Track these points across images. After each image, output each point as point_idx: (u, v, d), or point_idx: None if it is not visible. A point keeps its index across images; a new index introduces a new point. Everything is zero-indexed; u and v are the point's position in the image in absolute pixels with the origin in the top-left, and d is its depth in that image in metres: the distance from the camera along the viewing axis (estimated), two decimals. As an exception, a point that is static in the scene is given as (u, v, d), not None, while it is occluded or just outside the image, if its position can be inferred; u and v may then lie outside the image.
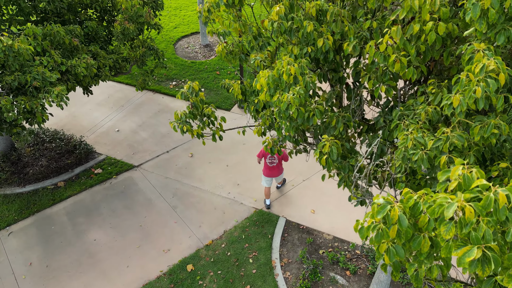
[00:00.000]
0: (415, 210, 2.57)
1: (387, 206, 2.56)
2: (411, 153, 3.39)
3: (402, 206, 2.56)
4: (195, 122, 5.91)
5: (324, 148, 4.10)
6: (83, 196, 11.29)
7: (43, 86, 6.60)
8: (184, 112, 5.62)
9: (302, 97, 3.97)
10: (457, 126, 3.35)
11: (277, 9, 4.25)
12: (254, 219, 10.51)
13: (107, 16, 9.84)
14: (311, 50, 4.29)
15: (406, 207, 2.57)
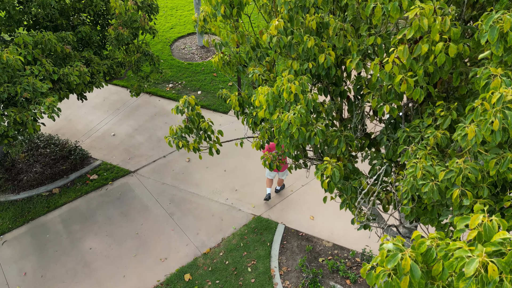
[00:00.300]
0: (428, 257, 2.41)
1: (398, 254, 2.39)
2: (420, 184, 3.22)
3: (414, 253, 2.39)
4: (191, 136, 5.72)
5: (326, 171, 3.93)
6: (79, 203, 11.10)
7: (34, 97, 6.39)
8: (180, 126, 5.43)
9: (303, 116, 3.80)
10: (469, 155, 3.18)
11: (276, 23, 4.07)
12: (252, 226, 10.35)
13: (101, 20, 9.62)
14: (312, 66, 4.11)
15: (418, 254, 2.41)
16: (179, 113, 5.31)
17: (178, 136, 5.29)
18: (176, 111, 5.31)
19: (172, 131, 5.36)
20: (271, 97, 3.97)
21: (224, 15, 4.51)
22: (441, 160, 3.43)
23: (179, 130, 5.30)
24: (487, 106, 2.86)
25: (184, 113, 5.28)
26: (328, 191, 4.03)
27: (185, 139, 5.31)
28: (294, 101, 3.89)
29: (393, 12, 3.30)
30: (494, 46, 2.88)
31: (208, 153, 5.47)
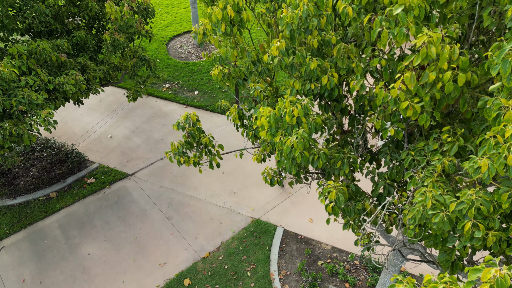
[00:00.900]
0: None
1: None
2: (430, 214, 3.21)
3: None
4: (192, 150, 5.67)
5: (330, 195, 3.90)
6: (76, 208, 11.04)
7: (29, 109, 6.30)
8: (181, 142, 5.36)
9: (306, 140, 3.76)
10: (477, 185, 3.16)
11: (277, 44, 4.00)
12: (251, 229, 10.35)
13: (96, 23, 9.48)
14: (315, 87, 4.06)
15: None
16: (180, 129, 5.24)
17: (179, 152, 5.23)
18: (177, 127, 5.25)
19: (174, 147, 5.30)
20: (273, 119, 3.92)
21: (224, 33, 4.43)
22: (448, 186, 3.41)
23: (181, 146, 5.24)
24: (500, 139, 2.84)
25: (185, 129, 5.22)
26: (333, 214, 4.01)
27: (186, 155, 5.26)
28: (296, 124, 3.85)
29: (399, 37, 3.25)
30: (506, 79, 2.84)
31: (209, 166, 5.42)
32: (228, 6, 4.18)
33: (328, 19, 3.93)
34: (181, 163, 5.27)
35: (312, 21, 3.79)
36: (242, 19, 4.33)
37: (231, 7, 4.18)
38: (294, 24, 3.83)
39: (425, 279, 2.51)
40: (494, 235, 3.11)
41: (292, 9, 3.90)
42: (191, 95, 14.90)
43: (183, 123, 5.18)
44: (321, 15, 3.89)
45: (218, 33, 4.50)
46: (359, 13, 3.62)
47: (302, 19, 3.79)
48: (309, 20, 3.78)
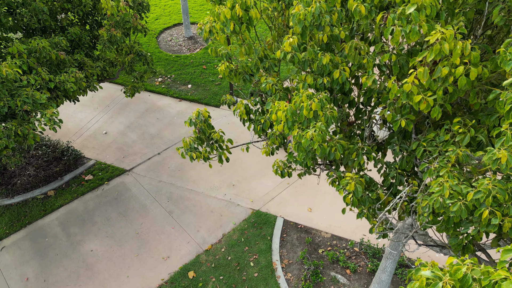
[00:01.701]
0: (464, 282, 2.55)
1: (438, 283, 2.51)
2: (448, 203, 3.36)
3: (452, 281, 2.53)
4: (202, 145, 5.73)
5: (349, 186, 4.03)
6: (75, 205, 11.03)
7: (33, 109, 6.25)
8: (192, 138, 5.41)
9: (324, 133, 3.87)
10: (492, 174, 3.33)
11: (290, 40, 4.08)
12: (252, 220, 10.50)
13: (90, 19, 9.38)
14: (327, 81, 4.16)
15: (456, 282, 2.55)
16: (192, 126, 5.29)
17: (191, 148, 5.29)
18: (189, 123, 5.29)
19: (186, 143, 5.34)
20: (290, 113, 4.02)
21: (233, 31, 4.48)
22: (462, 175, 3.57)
23: (193, 142, 5.29)
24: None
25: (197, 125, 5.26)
26: (352, 205, 4.15)
27: (198, 151, 5.32)
28: (313, 118, 3.96)
29: (412, 35, 3.37)
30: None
31: (218, 161, 5.51)
32: (237, 5, 4.23)
33: (339, 15, 4.02)
34: (194, 158, 5.34)
35: (325, 18, 3.88)
36: (251, 17, 4.38)
37: (239, 6, 4.23)
38: (307, 21, 3.92)
39: (447, 261, 2.67)
40: (509, 221, 3.29)
41: (304, 6, 3.98)
42: (184, 88, 14.87)
43: (195, 119, 5.23)
44: (332, 12, 3.99)
45: (226, 31, 4.55)
46: (370, 11, 3.73)
47: (315, 16, 3.88)
48: (321, 17, 3.88)
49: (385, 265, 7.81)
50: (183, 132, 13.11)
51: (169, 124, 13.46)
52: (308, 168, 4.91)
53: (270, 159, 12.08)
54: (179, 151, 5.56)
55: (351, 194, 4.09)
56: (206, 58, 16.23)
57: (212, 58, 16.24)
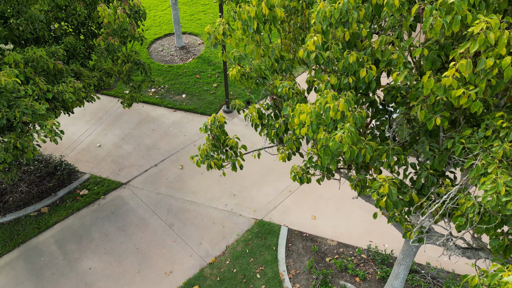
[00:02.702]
0: None
1: None
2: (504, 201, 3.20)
3: None
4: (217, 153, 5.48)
5: (383, 189, 3.85)
6: (71, 221, 10.61)
7: (33, 120, 5.94)
8: (207, 145, 5.16)
9: (354, 134, 3.70)
10: None
11: (314, 39, 3.92)
12: (255, 230, 10.24)
13: (84, 29, 9.11)
14: (352, 81, 4.01)
15: None
16: (208, 132, 5.05)
17: (208, 155, 5.04)
18: (205, 130, 5.05)
19: (203, 151, 5.09)
20: (314, 116, 3.84)
21: (256, 31, 4.30)
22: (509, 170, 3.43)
23: (209, 150, 5.04)
24: None
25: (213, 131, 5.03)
26: (386, 209, 3.96)
27: (215, 159, 5.08)
28: (340, 119, 3.79)
29: (455, 26, 3.25)
30: None
31: (231, 168, 5.27)
32: (263, 3, 4.06)
33: (366, 11, 3.89)
34: (211, 167, 5.09)
35: (353, 14, 3.74)
36: (275, 16, 4.21)
37: (265, 3, 4.07)
38: (333, 18, 3.77)
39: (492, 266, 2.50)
40: None
41: (330, 2, 3.83)
42: (178, 98, 14.63)
43: (210, 125, 5.00)
44: (359, 8, 3.85)
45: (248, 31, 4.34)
46: (403, 3, 3.60)
47: (343, 13, 3.73)
48: (349, 13, 3.73)
49: (397, 271, 7.62)
50: (179, 142, 12.83)
51: (164, 134, 13.16)
52: (329, 173, 4.72)
53: (270, 166, 11.87)
54: (194, 159, 5.32)
55: (385, 197, 3.90)
56: (199, 67, 16.04)
57: (205, 67, 16.06)
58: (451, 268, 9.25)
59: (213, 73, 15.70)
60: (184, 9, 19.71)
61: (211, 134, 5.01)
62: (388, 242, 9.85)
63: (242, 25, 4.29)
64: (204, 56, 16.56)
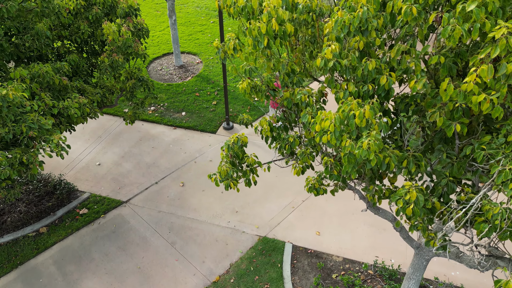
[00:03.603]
0: None
1: None
2: None
3: None
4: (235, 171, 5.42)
5: (409, 196, 3.81)
6: (70, 241, 10.37)
7: (39, 135, 5.87)
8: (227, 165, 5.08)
9: (380, 142, 3.69)
10: None
11: (332, 47, 3.96)
12: (259, 248, 10.08)
13: (87, 47, 9.14)
14: (372, 88, 4.03)
15: None
16: (230, 151, 5.00)
17: (229, 176, 4.98)
18: (227, 149, 5.02)
19: (223, 172, 5.03)
20: (338, 123, 3.83)
21: (266, 46, 4.34)
22: None
23: (230, 170, 4.98)
24: None
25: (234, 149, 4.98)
26: (412, 218, 3.91)
27: (235, 179, 5.02)
28: (365, 127, 3.78)
29: (474, 33, 3.30)
30: None
31: (245, 184, 5.21)
32: (273, 19, 4.11)
33: (385, 20, 3.95)
34: (230, 187, 5.03)
35: (372, 22, 3.79)
36: (285, 31, 4.26)
37: (275, 20, 4.12)
38: (352, 26, 3.81)
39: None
40: None
41: (348, 11, 3.89)
42: (178, 116, 14.62)
43: (232, 144, 4.97)
44: (377, 16, 3.91)
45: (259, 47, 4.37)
46: (420, 12, 3.66)
47: (362, 21, 3.78)
48: (369, 22, 3.78)
49: (407, 286, 7.51)
50: (180, 160, 12.74)
51: (165, 152, 13.08)
52: (345, 183, 4.68)
53: (271, 182, 11.79)
54: (212, 179, 5.25)
55: (412, 204, 3.85)
56: (198, 85, 16.12)
57: (204, 85, 16.14)
58: (459, 283, 9.14)
59: (212, 91, 15.77)
60: (182, 29, 19.95)
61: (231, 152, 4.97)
62: (394, 257, 9.74)
63: (253, 41, 4.34)
64: (203, 74, 16.67)
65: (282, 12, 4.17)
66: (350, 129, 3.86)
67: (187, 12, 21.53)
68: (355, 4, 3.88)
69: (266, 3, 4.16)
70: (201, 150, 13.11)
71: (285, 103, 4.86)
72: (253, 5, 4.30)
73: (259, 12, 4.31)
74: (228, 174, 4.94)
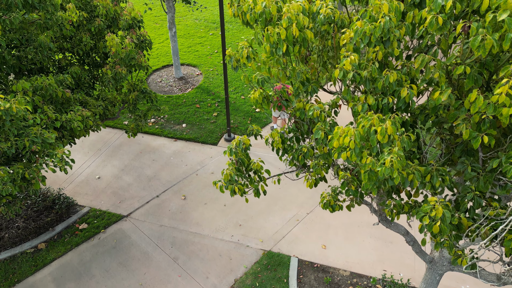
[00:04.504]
0: None
1: None
2: None
3: None
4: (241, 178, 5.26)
5: (435, 212, 3.65)
6: (70, 258, 10.10)
7: (42, 150, 5.69)
8: (232, 169, 4.95)
9: (403, 159, 3.55)
10: None
11: (351, 58, 3.85)
12: (264, 262, 9.85)
13: (88, 59, 9.02)
14: (392, 100, 3.91)
15: None
16: (233, 155, 4.86)
17: (233, 180, 4.82)
18: (229, 153, 4.87)
19: (226, 176, 4.88)
20: (358, 139, 3.70)
21: (285, 53, 4.22)
22: None
23: (233, 174, 4.83)
24: None
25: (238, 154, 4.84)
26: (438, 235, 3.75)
27: (240, 184, 4.85)
28: (387, 143, 3.64)
29: (505, 44, 3.20)
30: None
31: (254, 194, 5.05)
32: (293, 25, 3.99)
33: (407, 30, 3.85)
34: (235, 192, 4.86)
35: (395, 32, 3.69)
36: (305, 37, 4.14)
37: (296, 25, 4.00)
38: (373, 36, 3.71)
39: None
40: None
41: (369, 21, 3.79)
42: (179, 128, 14.47)
43: (235, 148, 4.82)
44: (399, 26, 3.81)
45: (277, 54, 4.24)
46: (445, 22, 3.56)
47: (385, 31, 3.68)
48: (391, 32, 3.68)
49: (419, 301, 7.30)
50: (181, 172, 12.55)
51: (165, 164, 12.90)
52: (362, 198, 4.53)
53: (275, 195, 11.61)
54: (217, 185, 5.08)
55: (438, 221, 3.69)
56: (198, 97, 16.01)
57: (205, 97, 16.03)
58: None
59: (213, 102, 15.67)
60: (182, 42, 19.93)
61: (235, 157, 4.82)
62: (402, 270, 9.55)
63: (270, 48, 4.21)
64: (203, 86, 16.59)
65: (302, 18, 4.06)
66: (370, 145, 3.73)
67: (186, 25, 21.55)
68: (375, 14, 3.79)
69: (286, 9, 4.05)
70: (203, 163, 12.94)
71: (298, 114, 4.73)
72: (271, 11, 4.19)
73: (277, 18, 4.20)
74: (232, 179, 4.77)
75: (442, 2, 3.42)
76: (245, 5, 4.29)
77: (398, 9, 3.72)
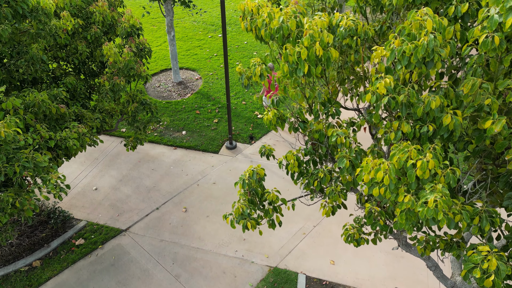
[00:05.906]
0: None
1: None
2: None
3: None
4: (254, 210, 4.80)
5: (488, 265, 3.21)
6: (66, 276, 9.61)
7: (34, 175, 5.23)
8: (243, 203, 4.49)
9: (449, 199, 3.12)
10: None
11: (386, 81, 3.41)
12: (270, 280, 9.41)
13: (84, 68, 8.53)
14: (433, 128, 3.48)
15: None
16: (245, 187, 4.40)
17: (245, 215, 4.37)
18: (242, 185, 4.42)
19: (237, 210, 4.43)
20: (394, 174, 3.26)
21: (307, 74, 3.77)
22: None
23: (246, 208, 4.37)
24: None
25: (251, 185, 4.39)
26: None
27: (253, 218, 4.40)
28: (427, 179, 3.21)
29: None
30: None
31: (269, 226, 4.61)
32: (317, 43, 3.54)
33: (452, 50, 3.42)
34: (248, 228, 4.42)
35: (440, 52, 3.25)
36: (329, 57, 3.70)
37: (319, 44, 3.55)
38: (414, 57, 3.26)
39: None
40: None
41: (408, 39, 3.35)
42: (178, 135, 13.99)
43: (248, 179, 4.36)
44: (443, 45, 3.37)
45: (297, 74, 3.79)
46: (501, 42, 3.13)
47: (428, 51, 3.24)
48: (435, 52, 3.24)
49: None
50: (182, 183, 12.08)
51: (165, 174, 12.42)
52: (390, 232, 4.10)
53: (280, 207, 11.16)
54: (228, 219, 4.63)
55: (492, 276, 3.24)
56: (198, 103, 15.53)
57: (205, 102, 15.55)
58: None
59: (213, 108, 15.19)
60: (180, 45, 19.45)
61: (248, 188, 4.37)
62: (415, 288, 9.13)
63: (288, 68, 3.76)
64: (203, 91, 16.11)
65: (327, 36, 3.61)
66: (408, 181, 3.29)
67: (184, 27, 21.06)
68: (415, 32, 3.35)
69: (308, 25, 3.60)
70: (204, 172, 12.47)
71: (316, 135, 4.29)
72: (290, 27, 3.74)
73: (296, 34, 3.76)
74: (245, 213, 4.32)
75: (499, 19, 2.99)
76: (259, 19, 3.85)
77: (442, 25, 3.28)
